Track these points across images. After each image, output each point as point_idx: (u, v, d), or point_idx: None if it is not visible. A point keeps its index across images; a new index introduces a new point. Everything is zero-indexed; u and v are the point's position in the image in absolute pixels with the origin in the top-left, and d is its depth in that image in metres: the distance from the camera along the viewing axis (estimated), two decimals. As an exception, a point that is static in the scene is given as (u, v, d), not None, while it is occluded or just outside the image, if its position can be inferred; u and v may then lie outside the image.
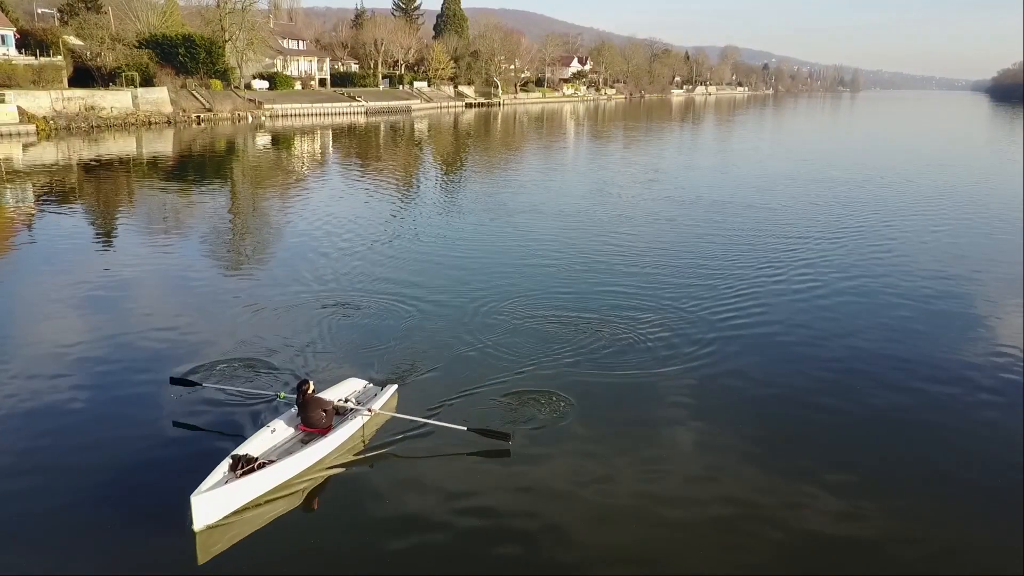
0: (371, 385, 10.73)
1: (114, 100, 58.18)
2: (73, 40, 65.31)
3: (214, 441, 9.30)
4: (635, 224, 24.46)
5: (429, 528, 7.84)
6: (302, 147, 53.48)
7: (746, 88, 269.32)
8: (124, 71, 62.21)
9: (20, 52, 60.75)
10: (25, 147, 44.74)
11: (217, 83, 71.38)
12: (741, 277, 17.48)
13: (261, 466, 8.15)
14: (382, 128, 70.55)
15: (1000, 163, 47.55)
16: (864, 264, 19.16)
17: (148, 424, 9.93)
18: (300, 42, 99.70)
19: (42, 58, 58.92)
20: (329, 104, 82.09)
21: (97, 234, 23.01)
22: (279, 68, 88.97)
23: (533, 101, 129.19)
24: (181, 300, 15.52)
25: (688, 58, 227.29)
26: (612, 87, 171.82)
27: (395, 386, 10.63)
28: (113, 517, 7.92)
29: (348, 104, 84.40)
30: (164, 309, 14.87)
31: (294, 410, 9.44)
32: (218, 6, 76.09)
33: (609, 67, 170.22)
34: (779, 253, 20.08)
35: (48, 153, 42.99)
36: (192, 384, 10.55)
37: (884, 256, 20.06)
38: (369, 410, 9.60)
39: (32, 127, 49.82)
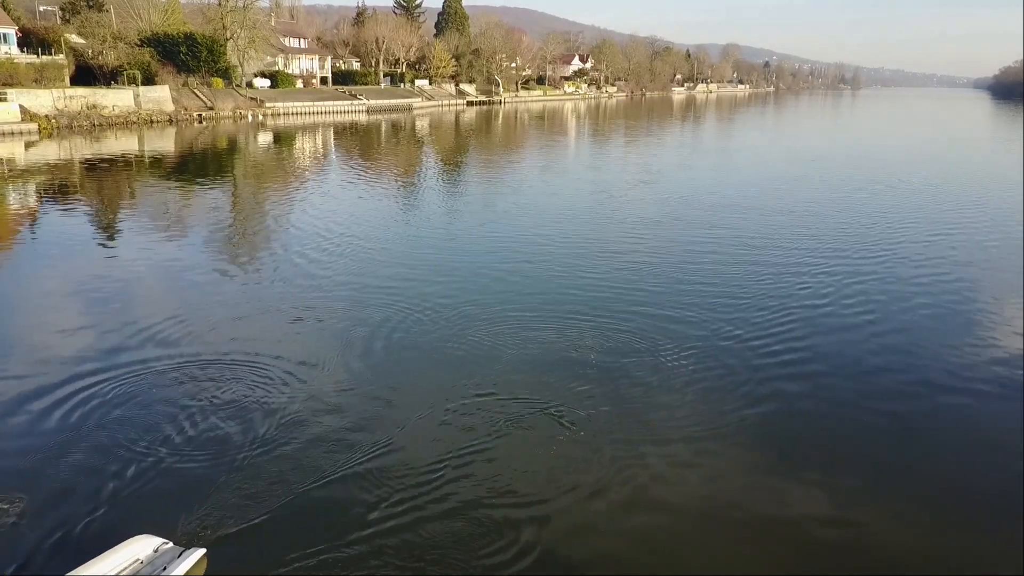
0: (168, 547, 7.18)
1: (116, 99, 58.19)
2: (75, 39, 65.37)
3: None
4: (636, 230, 24.39)
5: None
6: (303, 145, 53.48)
7: (747, 86, 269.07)
8: (126, 69, 62.30)
9: (22, 51, 60.81)
10: (27, 146, 44.76)
11: (219, 81, 71.46)
12: (747, 288, 17.38)
13: None
14: (383, 126, 70.51)
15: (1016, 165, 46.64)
16: (879, 270, 19.03)
17: None
18: (301, 40, 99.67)
19: (44, 57, 58.99)
20: (330, 102, 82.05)
21: (98, 233, 23.04)
22: (280, 66, 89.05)
23: (534, 99, 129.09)
24: (152, 303, 15.40)
25: (689, 56, 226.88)
26: (613, 85, 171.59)
27: (202, 550, 7.14)
28: None
29: (349, 102, 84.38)
30: (129, 312, 14.62)
31: None
32: (220, 4, 76.10)
33: (610, 65, 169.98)
34: (781, 263, 19.99)
35: (50, 152, 43.00)
36: None
37: (907, 266, 19.72)
38: None
39: (34, 126, 49.83)
